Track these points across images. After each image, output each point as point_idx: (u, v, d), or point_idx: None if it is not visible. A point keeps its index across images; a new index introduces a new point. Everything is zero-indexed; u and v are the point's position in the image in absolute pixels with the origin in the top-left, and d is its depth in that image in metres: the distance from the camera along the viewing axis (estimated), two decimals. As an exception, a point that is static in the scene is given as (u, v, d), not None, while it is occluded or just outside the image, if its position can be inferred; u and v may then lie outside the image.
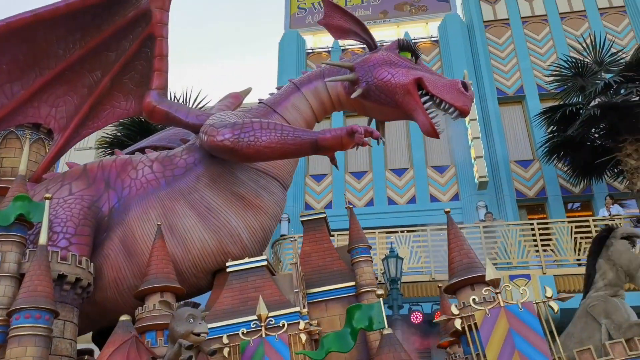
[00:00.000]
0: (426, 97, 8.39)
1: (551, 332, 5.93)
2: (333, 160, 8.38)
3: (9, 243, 7.21)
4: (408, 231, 15.92)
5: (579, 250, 14.86)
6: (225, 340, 6.81)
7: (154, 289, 7.27)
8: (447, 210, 7.53)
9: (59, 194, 8.36)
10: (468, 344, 6.01)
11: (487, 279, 6.04)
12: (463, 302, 6.31)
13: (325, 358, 6.22)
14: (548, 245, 15.16)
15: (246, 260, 7.78)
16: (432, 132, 8.43)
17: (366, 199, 20.35)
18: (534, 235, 15.35)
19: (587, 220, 15.50)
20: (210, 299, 8.27)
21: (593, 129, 16.97)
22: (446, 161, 20.80)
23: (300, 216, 9.08)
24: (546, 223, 16.12)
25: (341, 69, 9.14)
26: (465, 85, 8.29)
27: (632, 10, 22.40)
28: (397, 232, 16.08)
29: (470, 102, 8.34)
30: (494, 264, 13.93)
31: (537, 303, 6.12)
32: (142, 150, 10.58)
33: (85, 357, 7.68)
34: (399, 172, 20.74)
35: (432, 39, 23.85)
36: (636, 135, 15.89)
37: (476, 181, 18.70)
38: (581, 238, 14.96)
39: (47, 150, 10.42)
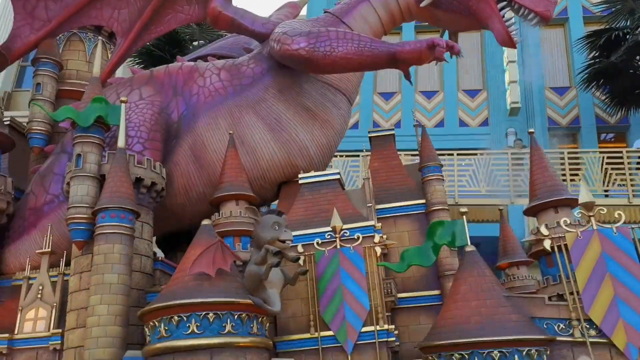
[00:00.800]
0: (503, 3, 7.84)
1: None
2: (407, 76, 8.14)
3: (88, 144, 7.31)
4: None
5: (609, 181, 14.56)
6: (300, 249, 6.97)
7: (230, 196, 7.39)
8: (531, 130, 7.36)
9: (130, 99, 8.34)
10: (548, 266, 6.07)
11: (580, 201, 5.93)
12: (546, 225, 6.25)
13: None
14: (577, 175, 14.84)
15: (319, 173, 7.80)
16: (508, 42, 7.98)
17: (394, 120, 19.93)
18: (562, 164, 15.00)
19: (621, 152, 15.04)
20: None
21: (638, 57, 16.10)
22: (478, 85, 20.05)
23: (369, 132, 8.99)
24: (576, 153, 15.72)
25: None
26: None
27: None
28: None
29: (553, 7, 7.71)
30: (518, 195, 14.08)
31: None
32: (203, 59, 10.44)
33: (157, 256, 7.94)
34: (429, 94, 20.15)
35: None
36: None
37: (508, 107, 18.04)
38: (612, 169, 14.60)
39: (109, 54, 10.36)
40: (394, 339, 6.67)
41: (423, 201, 7.94)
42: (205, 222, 6.57)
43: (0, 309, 7.82)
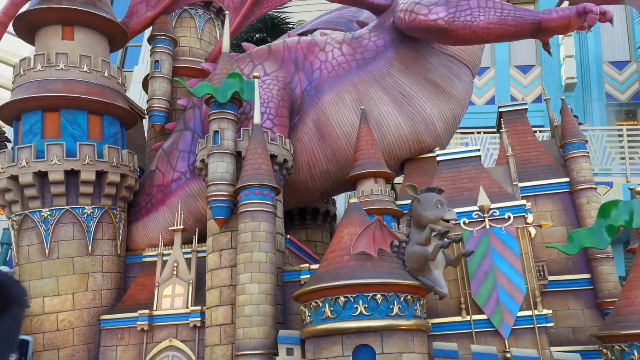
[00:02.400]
0: None
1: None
2: (547, 46, 7.66)
3: (225, 121, 7.19)
4: (485, 132, 15.09)
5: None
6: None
7: (369, 173, 7.14)
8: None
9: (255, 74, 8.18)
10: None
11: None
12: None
13: None
14: (637, 153, 13.97)
15: (459, 149, 7.47)
16: None
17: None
18: (621, 142, 14.15)
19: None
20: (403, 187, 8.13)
21: None
22: (531, 61, 18.98)
23: (499, 107, 8.56)
24: (637, 130, 14.74)
25: None
26: None
27: None
28: (472, 133, 15.20)
29: None
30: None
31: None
32: (309, 34, 10.19)
33: (288, 236, 7.83)
34: (480, 71, 19.19)
35: None
36: None
37: (563, 82, 17.09)
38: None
39: (217, 30, 10.24)
40: (552, 324, 6.33)
41: (567, 179, 7.49)
42: (353, 200, 6.35)
43: (133, 284, 7.91)
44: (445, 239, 5.59)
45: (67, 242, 7.49)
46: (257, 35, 16.87)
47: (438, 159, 7.48)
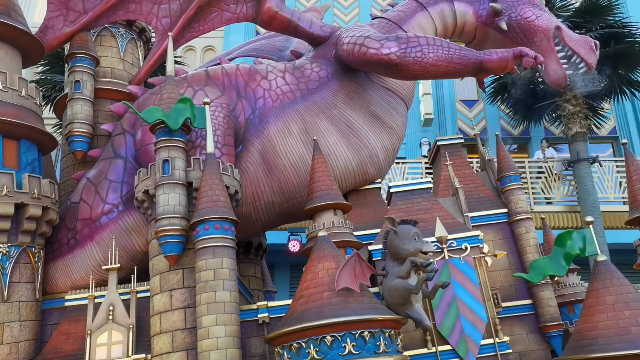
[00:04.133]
0: (559, 47, 8.75)
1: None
2: (482, 85, 8.16)
3: (175, 149, 6.66)
4: (403, 163, 16.67)
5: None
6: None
7: (328, 205, 6.97)
8: (624, 141, 7.57)
9: (196, 100, 7.69)
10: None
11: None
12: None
13: None
14: None
15: (411, 181, 7.59)
16: (561, 81, 8.74)
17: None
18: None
19: (523, 162, 16.39)
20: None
21: (538, 73, 17.15)
22: None
23: (437, 140, 8.87)
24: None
25: None
26: (596, 45, 8.75)
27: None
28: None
29: (596, 61, 8.79)
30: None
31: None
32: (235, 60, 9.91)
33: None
34: None
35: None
36: None
37: (422, 117, 18.74)
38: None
39: (140, 52, 9.57)
40: (510, 350, 6.56)
41: (505, 210, 7.93)
42: (321, 233, 6.13)
43: (55, 334, 6.91)
44: (429, 273, 5.58)
45: (-23, 288, 6.38)
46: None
47: (392, 190, 7.54)
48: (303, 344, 5.23)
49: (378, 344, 5.25)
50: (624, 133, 19.42)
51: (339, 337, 5.15)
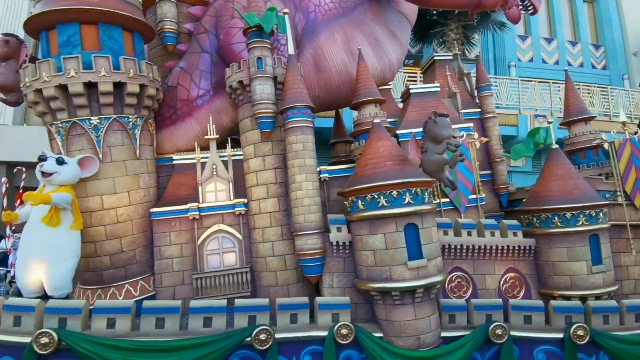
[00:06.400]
0: None
1: None
2: (472, 15, 8.85)
3: (266, 49, 7.19)
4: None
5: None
6: (422, 141, 7.88)
7: (371, 100, 7.87)
8: (566, 69, 8.81)
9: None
10: (594, 155, 7.89)
11: (620, 121, 7.87)
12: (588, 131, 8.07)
13: None
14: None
15: (424, 85, 8.52)
16: (517, 18, 9.07)
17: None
18: None
19: (415, 74, 17.06)
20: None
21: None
22: None
23: (434, 56, 9.69)
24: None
25: None
26: None
27: None
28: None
29: (539, 5, 9.24)
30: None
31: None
32: None
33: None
34: None
35: None
36: (460, 15, 16.93)
37: None
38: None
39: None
40: (484, 202, 8.17)
41: (479, 109, 9.17)
42: (376, 120, 7.09)
43: (170, 183, 7.71)
44: (461, 151, 6.79)
45: (119, 148, 6.99)
46: None
47: (411, 91, 8.47)
48: (375, 196, 6.42)
49: (424, 197, 6.55)
50: (485, 58, 20.27)
51: (402, 192, 6.38)
